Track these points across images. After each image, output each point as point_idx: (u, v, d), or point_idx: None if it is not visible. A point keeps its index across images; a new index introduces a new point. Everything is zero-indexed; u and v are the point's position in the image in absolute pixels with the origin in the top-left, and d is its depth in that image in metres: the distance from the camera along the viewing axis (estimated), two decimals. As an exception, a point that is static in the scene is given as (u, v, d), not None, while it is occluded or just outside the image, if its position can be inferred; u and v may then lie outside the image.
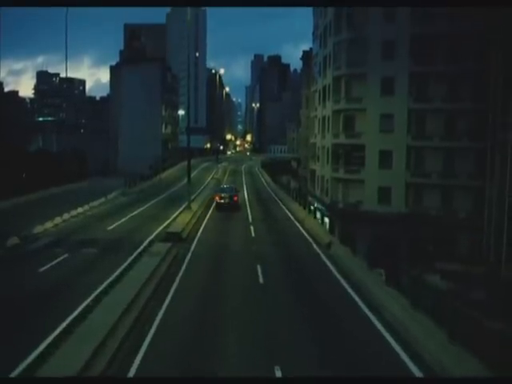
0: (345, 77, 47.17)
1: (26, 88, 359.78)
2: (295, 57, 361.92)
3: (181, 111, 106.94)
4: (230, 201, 39.39)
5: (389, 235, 38.51)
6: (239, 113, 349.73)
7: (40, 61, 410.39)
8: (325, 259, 22.78)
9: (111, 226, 30.84)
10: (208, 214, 37.13)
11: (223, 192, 41.04)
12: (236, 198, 40.36)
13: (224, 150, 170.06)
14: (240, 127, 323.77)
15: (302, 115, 76.73)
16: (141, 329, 13.57)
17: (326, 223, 33.34)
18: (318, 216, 38.69)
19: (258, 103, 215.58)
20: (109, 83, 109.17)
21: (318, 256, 23.63)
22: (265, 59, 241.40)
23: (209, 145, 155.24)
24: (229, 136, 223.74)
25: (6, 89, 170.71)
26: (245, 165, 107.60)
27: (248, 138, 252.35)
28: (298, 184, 72.12)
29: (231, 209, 38.80)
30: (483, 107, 39.97)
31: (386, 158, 44.67)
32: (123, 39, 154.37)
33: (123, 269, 19.69)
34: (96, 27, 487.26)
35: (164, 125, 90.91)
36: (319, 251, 24.58)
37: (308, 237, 28.55)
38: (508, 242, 35.70)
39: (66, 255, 22.53)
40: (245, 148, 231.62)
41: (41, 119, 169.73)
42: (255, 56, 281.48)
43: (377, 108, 44.82)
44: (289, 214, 37.77)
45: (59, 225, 30.72)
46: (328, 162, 50.09)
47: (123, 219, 33.71)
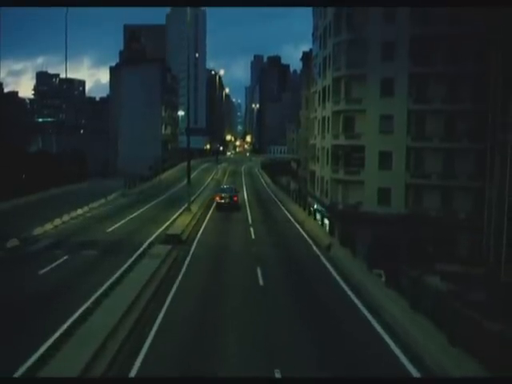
0: (344, 78, 47.21)
1: (26, 89, 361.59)
2: (295, 57, 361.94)
3: (181, 112, 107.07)
4: (230, 201, 40.12)
5: (389, 236, 38.53)
6: (239, 113, 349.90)
7: (40, 61, 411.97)
8: (325, 261, 22.79)
9: (111, 228, 30.85)
10: (208, 216, 37.17)
11: (223, 192, 41.85)
12: (236, 198, 41.06)
13: (224, 151, 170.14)
14: (240, 128, 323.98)
15: (302, 116, 76.72)
16: (141, 331, 13.57)
17: (326, 224, 33.34)
18: (318, 217, 38.65)
19: (258, 104, 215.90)
20: (108, 84, 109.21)
21: (318, 258, 23.64)
22: (264, 60, 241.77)
23: (208, 145, 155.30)
24: (228, 137, 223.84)
25: (6, 89, 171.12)
26: (244, 166, 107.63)
27: (248, 139, 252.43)
28: (298, 185, 72.18)
29: (231, 209, 39.31)
30: (483, 108, 40.01)
31: (386, 159, 44.73)
32: (123, 40, 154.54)
33: (123, 271, 19.67)
34: (96, 28, 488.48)
35: (164, 125, 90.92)
36: (319, 253, 24.59)
37: (308, 238, 28.55)
38: (508, 243, 35.71)
39: (66, 257, 22.54)
40: (244, 149, 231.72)
41: (40, 120, 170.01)
42: (255, 57, 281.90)
43: (376, 109, 44.86)
44: (289, 216, 37.78)
45: (59, 226, 30.73)
46: (328, 163, 50.12)
47: (123, 221, 33.75)
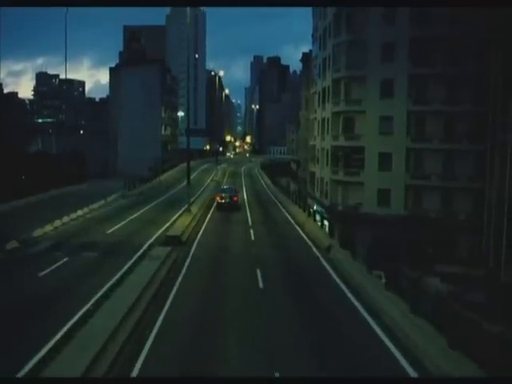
0: (344, 79, 47.23)
1: (26, 89, 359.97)
2: (295, 58, 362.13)
3: (180, 113, 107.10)
4: (230, 201, 41.59)
5: (388, 237, 38.52)
6: (239, 114, 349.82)
7: (40, 62, 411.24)
8: (324, 263, 22.79)
9: (111, 230, 30.86)
10: (208, 217, 37.23)
11: (224, 192, 43.33)
12: (236, 198, 42.51)
13: (223, 152, 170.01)
14: (239, 128, 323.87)
15: (302, 117, 76.73)
16: (141, 333, 13.57)
17: (326, 226, 33.33)
18: (318, 218, 38.66)
19: (258, 104, 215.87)
20: (108, 84, 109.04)
21: (318, 260, 23.65)
22: (264, 60, 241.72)
23: (208, 146, 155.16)
24: (228, 137, 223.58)
25: (6, 90, 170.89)
26: (244, 166, 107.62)
27: (247, 140, 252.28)
28: (298, 186, 72.13)
29: (231, 209, 40.42)
30: (482, 109, 40.05)
31: (386, 160, 44.74)
32: (123, 41, 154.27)
33: (123, 273, 19.72)
34: (95, 28, 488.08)
35: (163, 126, 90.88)
36: (319, 255, 24.61)
37: (308, 240, 28.58)
38: (508, 244, 35.73)
39: (66, 259, 22.54)
40: (244, 149, 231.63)
41: (40, 121, 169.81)
42: (255, 57, 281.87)
43: (376, 110, 44.87)
44: (288, 217, 37.79)
45: (59, 228, 30.72)
46: (327, 164, 50.14)
47: (123, 222, 33.75)
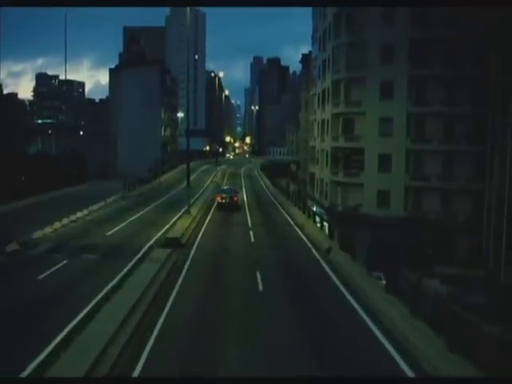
0: (344, 80, 47.31)
1: (26, 90, 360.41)
2: (295, 59, 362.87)
3: (180, 114, 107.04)
4: (230, 201, 42.62)
5: (388, 239, 38.58)
6: (238, 115, 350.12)
7: (39, 63, 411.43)
8: (324, 265, 22.78)
9: (111, 231, 30.84)
10: (207, 218, 37.22)
11: (224, 193, 44.46)
12: (236, 199, 43.50)
13: (223, 153, 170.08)
14: (239, 129, 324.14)
15: (302, 118, 76.82)
16: (142, 335, 13.57)
17: (326, 227, 33.36)
18: (317, 220, 38.66)
19: (258, 105, 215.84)
20: (108, 85, 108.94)
21: (318, 262, 23.63)
22: (264, 61, 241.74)
23: (208, 147, 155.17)
24: (228, 138, 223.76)
25: (6, 91, 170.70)
26: (244, 167, 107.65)
27: (247, 141, 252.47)
28: (298, 187, 72.18)
29: (231, 209, 41.27)
30: (482, 110, 40.09)
31: (386, 162, 44.80)
32: (122, 42, 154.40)
33: (123, 275, 19.72)
34: (95, 29, 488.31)
35: (163, 127, 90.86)
36: (319, 257, 24.59)
37: (307, 242, 28.56)
38: (507, 245, 35.78)
39: (66, 261, 22.49)
40: (244, 150, 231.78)
41: (40, 121, 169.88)
42: (254, 58, 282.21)
43: (376, 111, 44.94)
44: (288, 219, 37.80)
45: (58, 230, 30.69)
46: (327, 166, 50.18)
47: (122, 224, 33.74)
